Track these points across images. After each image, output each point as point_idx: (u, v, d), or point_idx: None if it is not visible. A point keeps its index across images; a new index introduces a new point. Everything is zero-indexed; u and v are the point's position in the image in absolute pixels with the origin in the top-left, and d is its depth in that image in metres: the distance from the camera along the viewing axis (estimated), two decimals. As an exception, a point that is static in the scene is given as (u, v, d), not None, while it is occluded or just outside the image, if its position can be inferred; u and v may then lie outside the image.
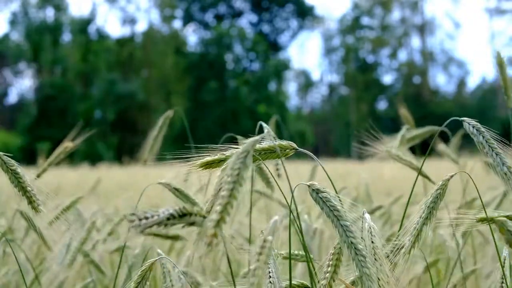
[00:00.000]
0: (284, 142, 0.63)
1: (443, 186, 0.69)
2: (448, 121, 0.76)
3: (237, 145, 0.59)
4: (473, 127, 0.68)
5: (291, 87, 32.66)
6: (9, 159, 0.69)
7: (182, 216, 0.47)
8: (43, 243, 0.98)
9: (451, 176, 0.69)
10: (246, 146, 0.50)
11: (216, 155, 0.61)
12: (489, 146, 0.67)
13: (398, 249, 0.66)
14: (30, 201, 0.68)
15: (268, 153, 0.62)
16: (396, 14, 29.39)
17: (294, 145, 0.63)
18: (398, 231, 0.69)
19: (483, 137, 0.67)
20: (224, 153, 0.61)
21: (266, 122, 0.83)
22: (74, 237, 0.96)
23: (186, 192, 0.83)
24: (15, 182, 0.68)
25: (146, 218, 0.46)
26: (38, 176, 1.01)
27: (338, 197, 0.59)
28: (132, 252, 1.18)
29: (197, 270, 1.10)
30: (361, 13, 27.82)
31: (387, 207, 1.55)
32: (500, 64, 1.01)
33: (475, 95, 26.07)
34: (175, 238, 1.03)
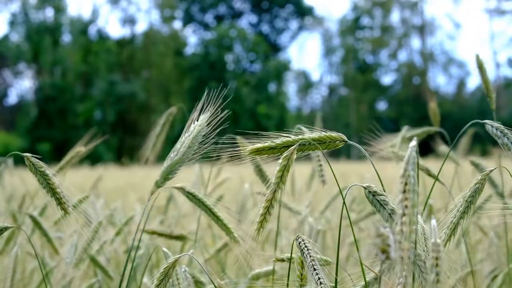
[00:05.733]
0: (334, 134, 0.61)
1: (482, 180, 0.66)
2: (469, 124, 0.73)
3: (285, 135, 0.59)
4: (497, 129, 0.65)
5: (291, 88, 32.63)
6: (38, 160, 0.68)
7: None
8: (50, 245, 0.99)
9: (491, 171, 0.67)
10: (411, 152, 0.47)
11: (266, 142, 0.59)
12: None
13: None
14: (60, 203, 0.68)
15: (317, 144, 0.60)
16: (395, 15, 29.42)
17: (344, 137, 0.61)
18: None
19: (508, 138, 0.64)
20: (274, 141, 0.59)
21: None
22: (81, 237, 0.97)
23: (199, 196, 0.80)
24: (43, 183, 0.67)
25: None
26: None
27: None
28: (137, 252, 1.19)
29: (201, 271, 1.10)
30: (361, 13, 27.81)
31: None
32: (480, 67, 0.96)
33: (475, 96, 26.04)
34: (179, 238, 1.03)
